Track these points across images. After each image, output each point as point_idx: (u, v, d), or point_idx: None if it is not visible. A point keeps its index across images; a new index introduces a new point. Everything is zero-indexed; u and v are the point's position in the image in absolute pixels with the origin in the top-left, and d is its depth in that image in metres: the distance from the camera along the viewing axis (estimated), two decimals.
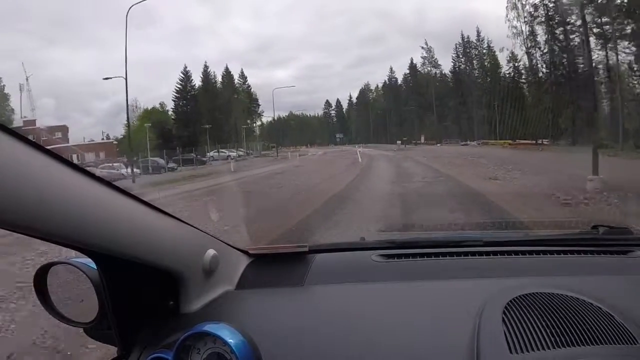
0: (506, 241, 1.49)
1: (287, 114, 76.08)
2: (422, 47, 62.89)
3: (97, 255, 0.91)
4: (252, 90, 63.17)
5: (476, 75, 57.49)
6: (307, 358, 0.93)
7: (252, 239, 5.52)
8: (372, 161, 28.77)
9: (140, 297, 1.03)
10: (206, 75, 57.25)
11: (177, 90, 55.58)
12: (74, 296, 1.09)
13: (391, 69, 68.70)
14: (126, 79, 30.33)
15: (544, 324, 0.88)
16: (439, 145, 51.74)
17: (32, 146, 0.68)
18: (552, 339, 0.83)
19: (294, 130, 75.78)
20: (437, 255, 1.40)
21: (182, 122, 52.28)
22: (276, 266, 1.37)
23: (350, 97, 78.45)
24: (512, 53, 51.46)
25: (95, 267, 0.97)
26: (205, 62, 56.87)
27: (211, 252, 1.14)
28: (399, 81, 68.73)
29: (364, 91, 75.33)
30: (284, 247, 1.46)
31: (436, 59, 62.73)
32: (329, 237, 6.55)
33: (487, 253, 1.40)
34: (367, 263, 1.37)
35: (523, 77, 50.67)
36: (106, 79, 36.92)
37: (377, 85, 74.08)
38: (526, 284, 1.10)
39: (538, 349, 0.81)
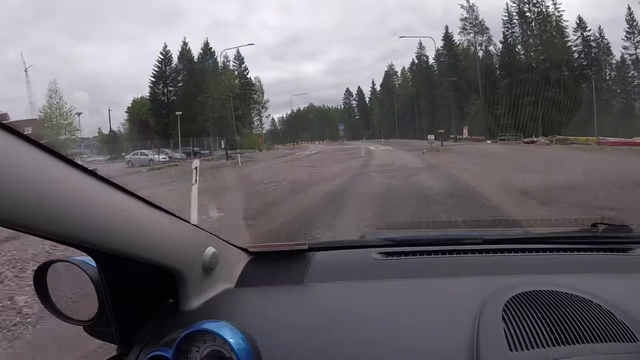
0: (506, 239, 1.49)
1: (307, 106, 69.68)
2: (462, 6, 47.72)
3: (97, 253, 0.92)
4: (249, 74, 54.25)
5: (539, 45, 41.81)
6: (307, 356, 0.94)
7: None
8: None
9: (139, 295, 1.03)
10: (185, 54, 48.28)
11: (153, 74, 47.31)
12: (73, 294, 1.10)
13: (420, 44, 55.70)
14: None
15: (543, 321, 0.88)
16: (489, 142, 38.04)
17: (32, 144, 0.69)
18: (552, 336, 0.83)
19: (314, 124, 68.44)
20: (436, 253, 1.40)
21: (159, 112, 45.05)
22: (276, 264, 1.37)
23: (373, 84, 68.01)
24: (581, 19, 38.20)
25: (94, 265, 0.97)
26: (184, 38, 49.06)
27: (211, 249, 1.14)
28: (430, 60, 55.41)
29: (388, 75, 63.57)
30: (283, 244, 1.45)
31: (482, 20, 46.09)
32: None
33: (487, 251, 1.40)
34: (366, 261, 1.37)
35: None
36: None
37: (404, 68, 61.75)
38: (526, 281, 1.10)
39: (538, 347, 0.81)
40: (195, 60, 49.74)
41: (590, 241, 1.42)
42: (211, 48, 50.14)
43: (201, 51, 49.72)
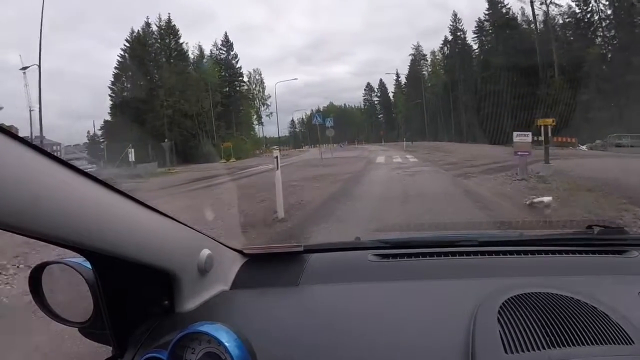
0: (501, 241, 1.49)
1: (327, 104, 61.59)
2: None
3: (92, 254, 0.92)
4: (238, 62, 44.17)
5: None
6: (302, 358, 0.94)
7: None
8: None
9: (135, 296, 1.04)
10: (142, 37, 39.13)
11: (117, 65, 39.25)
12: (68, 296, 1.09)
13: (455, 16, 42.81)
14: None
15: (539, 323, 0.89)
16: (584, 148, 23.30)
17: (27, 146, 0.69)
18: (548, 338, 0.83)
19: (334, 125, 63.48)
20: (432, 255, 1.40)
21: (120, 112, 37.36)
22: (271, 266, 1.38)
23: (397, 75, 54.86)
24: None
25: (90, 267, 0.97)
26: (147, 17, 39.70)
27: (206, 251, 1.15)
28: (470, 35, 41.03)
29: (415, 62, 50.10)
30: (278, 246, 1.46)
31: None
32: None
33: (482, 253, 1.40)
34: (362, 263, 1.38)
35: None
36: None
37: (434, 51, 47.56)
38: (521, 283, 1.10)
39: (533, 349, 0.81)
40: (155, 42, 39.38)
41: (585, 243, 1.43)
42: (174, 26, 39.66)
43: (160, 30, 39.33)
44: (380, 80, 58.86)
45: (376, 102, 60.36)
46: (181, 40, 40.62)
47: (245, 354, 0.84)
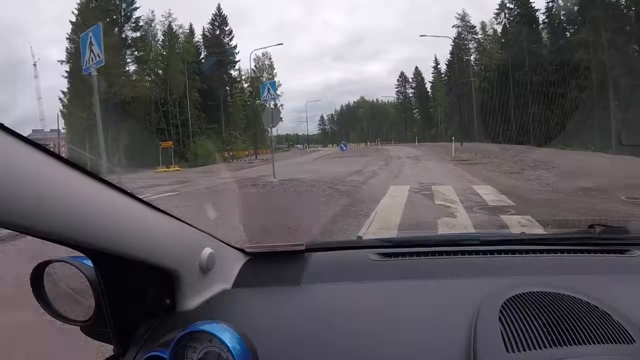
0: (503, 240, 1.48)
1: (357, 99, 56.30)
2: None
3: (94, 253, 0.91)
4: (232, 39, 33.37)
5: None
6: (303, 357, 0.94)
7: None
8: None
9: (136, 295, 1.04)
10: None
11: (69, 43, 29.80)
12: (70, 294, 1.09)
13: None
14: None
15: (540, 322, 0.88)
16: None
17: (29, 144, 0.69)
18: (549, 337, 0.83)
19: (364, 121, 54.19)
20: (434, 254, 1.40)
21: (77, 100, 29.37)
22: (272, 265, 1.38)
23: (437, 62, 42.24)
24: None
25: (91, 265, 0.97)
26: None
27: (207, 250, 1.14)
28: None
29: (459, 40, 36.88)
30: (280, 245, 1.45)
31: None
32: None
33: (484, 252, 1.39)
34: (364, 262, 1.37)
35: None
36: None
37: (484, 24, 34.96)
38: (523, 283, 1.10)
39: (535, 348, 0.81)
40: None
41: (587, 242, 1.42)
42: None
43: None
44: (416, 68, 49.31)
45: (411, 95, 50.79)
46: (137, 5, 31.42)
47: (247, 353, 0.83)
